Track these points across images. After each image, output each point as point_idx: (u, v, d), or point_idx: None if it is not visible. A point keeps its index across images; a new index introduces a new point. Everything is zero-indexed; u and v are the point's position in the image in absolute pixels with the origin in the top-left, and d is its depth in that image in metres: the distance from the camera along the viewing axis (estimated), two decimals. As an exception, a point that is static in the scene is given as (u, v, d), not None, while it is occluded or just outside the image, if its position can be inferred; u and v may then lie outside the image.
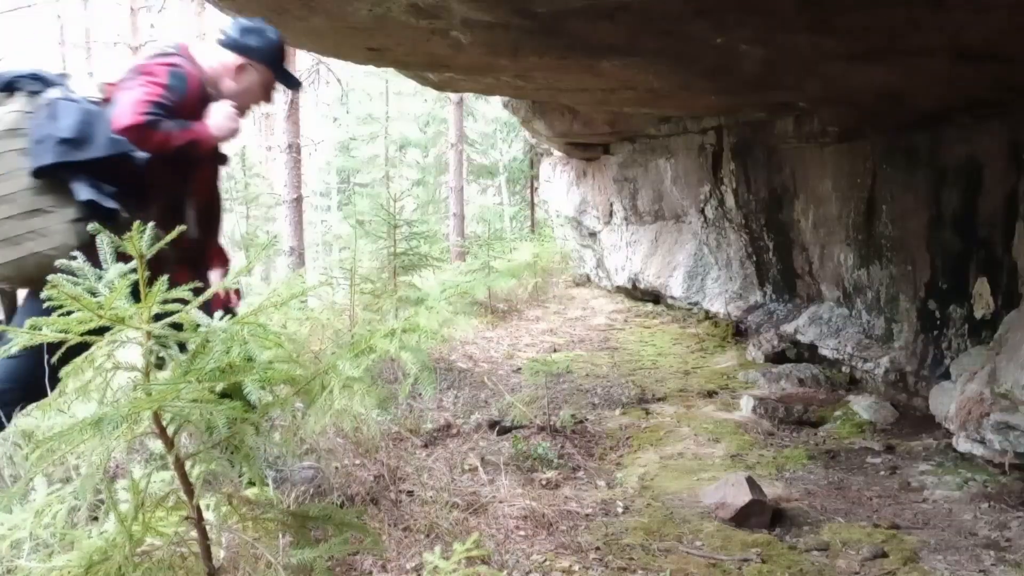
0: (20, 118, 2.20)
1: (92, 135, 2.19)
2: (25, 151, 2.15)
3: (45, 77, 2.33)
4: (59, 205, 2.14)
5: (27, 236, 2.12)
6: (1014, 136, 3.67)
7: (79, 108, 2.22)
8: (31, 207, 2.13)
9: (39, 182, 2.14)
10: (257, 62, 2.55)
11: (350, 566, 2.46)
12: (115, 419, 1.43)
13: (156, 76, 2.36)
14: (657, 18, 2.79)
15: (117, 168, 2.20)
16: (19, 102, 2.23)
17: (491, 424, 4.29)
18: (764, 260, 6.29)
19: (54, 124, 2.16)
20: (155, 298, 1.56)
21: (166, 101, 2.30)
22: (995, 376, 3.38)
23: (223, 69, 2.53)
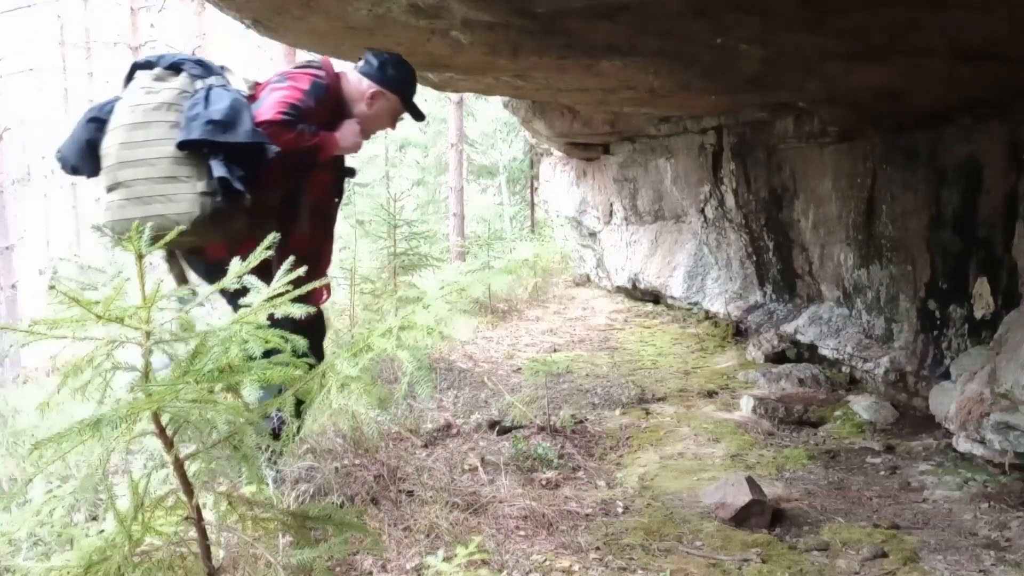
0: (178, 96, 2.43)
1: (237, 123, 2.39)
2: (176, 124, 2.38)
3: (208, 65, 2.56)
4: (193, 177, 2.34)
5: (157, 198, 2.33)
6: (1014, 136, 3.67)
7: (231, 97, 2.44)
8: (168, 174, 2.34)
9: (181, 154, 2.35)
10: (390, 92, 2.83)
11: (350, 566, 2.46)
12: (114, 420, 1.43)
13: (299, 82, 2.62)
14: (657, 18, 2.79)
15: (249, 157, 2.39)
16: (180, 82, 2.46)
17: (491, 424, 4.29)
18: (764, 260, 6.29)
19: (207, 106, 2.38)
20: (155, 298, 1.56)
21: (303, 105, 2.55)
22: (995, 376, 3.38)
23: (358, 93, 2.80)
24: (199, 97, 2.42)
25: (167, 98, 2.43)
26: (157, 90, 2.45)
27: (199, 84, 2.47)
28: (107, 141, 2.45)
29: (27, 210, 22.25)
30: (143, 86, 2.48)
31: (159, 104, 2.42)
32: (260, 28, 3.57)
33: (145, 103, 2.42)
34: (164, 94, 2.43)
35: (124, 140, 2.40)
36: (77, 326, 1.50)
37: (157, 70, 2.51)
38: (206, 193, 2.34)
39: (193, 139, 2.33)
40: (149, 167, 2.35)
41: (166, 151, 2.36)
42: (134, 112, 2.43)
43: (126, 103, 2.47)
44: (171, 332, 1.64)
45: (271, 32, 3.66)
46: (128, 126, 2.42)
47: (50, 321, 1.51)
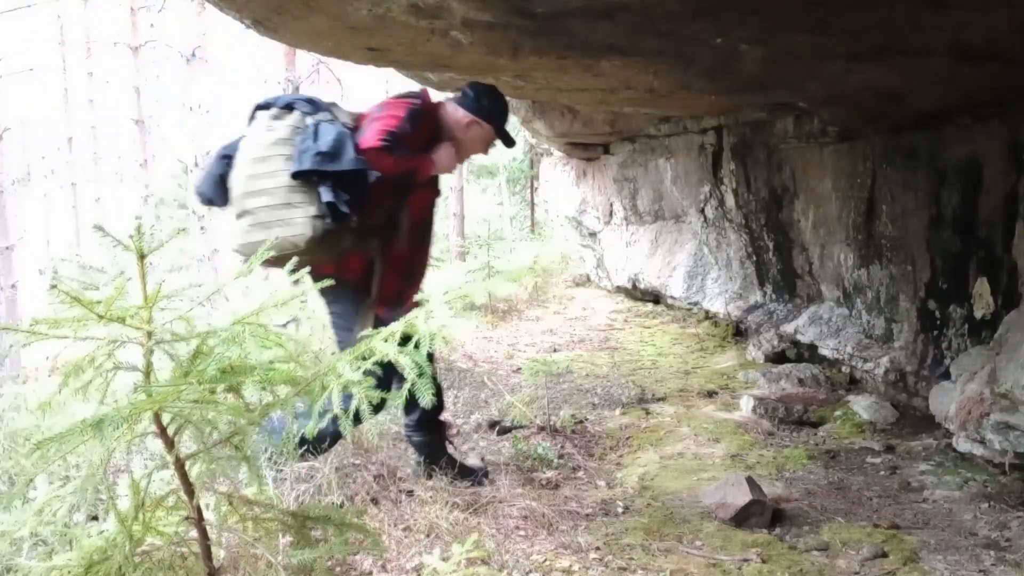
0: (292, 131, 2.76)
1: (342, 152, 2.68)
2: (289, 157, 2.70)
3: (317, 102, 2.89)
4: (306, 203, 2.65)
5: (276, 222, 2.65)
6: (1014, 136, 3.67)
7: (336, 130, 2.74)
8: (285, 201, 2.66)
9: (295, 183, 2.66)
10: (484, 121, 3.08)
11: (350, 566, 2.46)
12: (116, 420, 1.43)
13: (396, 111, 2.90)
14: (657, 18, 2.79)
15: (354, 182, 2.69)
16: (293, 119, 2.79)
17: (491, 424, 4.30)
18: (764, 260, 6.29)
19: (316, 140, 2.69)
20: (156, 298, 1.56)
21: (400, 131, 2.82)
22: (995, 376, 3.38)
23: (454, 121, 3.07)
24: (308, 132, 2.73)
25: (282, 134, 2.75)
26: (274, 128, 2.77)
27: (309, 120, 2.79)
28: (235, 174, 2.78)
29: (27, 210, 22.24)
30: (263, 125, 2.81)
31: (276, 140, 2.74)
32: (260, 28, 3.57)
33: (265, 140, 2.76)
34: (280, 131, 2.76)
35: (249, 173, 2.74)
36: (78, 326, 1.51)
37: (274, 110, 2.83)
38: (317, 216, 2.64)
39: (304, 169, 2.65)
40: (269, 196, 2.68)
41: (282, 181, 2.67)
42: (255, 148, 2.76)
43: (249, 140, 2.81)
44: (172, 332, 1.64)
45: (271, 32, 3.66)
46: (251, 160, 2.75)
47: (51, 321, 1.52)
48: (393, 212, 2.95)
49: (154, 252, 1.65)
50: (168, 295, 1.66)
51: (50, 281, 1.49)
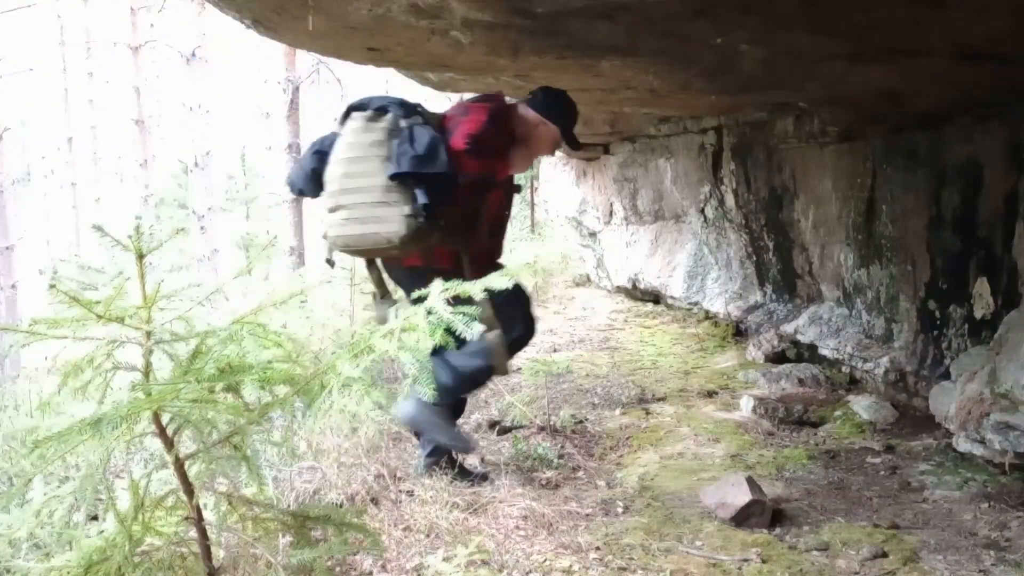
0: (387, 134, 2.92)
1: (436, 156, 2.86)
2: (387, 158, 2.87)
3: (409, 105, 3.04)
4: (401, 202, 2.83)
5: (372, 219, 2.85)
6: (1014, 136, 3.67)
7: (430, 134, 2.91)
8: (381, 199, 2.85)
9: (392, 183, 2.84)
10: (551, 122, 3.23)
11: (350, 566, 2.46)
12: (114, 419, 1.43)
13: (479, 114, 3.08)
14: (657, 18, 2.79)
15: (444, 182, 2.87)
16: (388, 121, 2.95)
17: (491, 424, 4.29)
18: (764, 260, 6.29)
19: (412, 143, 2.86)
20: (156, 298, 1.56)
21: (483, 134, 3.00)
22: (995, 376, 3.38)
23: (525, 122, 3.24)
24: (405, 135, 2.89)
25: (379, 136, 2.92)
26: (372, 129, 2.95)
27: (403, 123, 2.95)
28: (330, 171, 2.98)
29: (27, 210, 22.25)
30: (359, 126, 2.97)
31: (373, 141, 2.92)
32: (260, 28, 3.57)
33: (362, 140, 2.93)
34: (376, 133, 2.93)
35: (345, 171, 2.93)
36: (78, 326, 1.50)
37: (369, 112, 2.99)
38: (411, 215, 2.83)
39: (402, 171, 2.82)
40: (366, 194, 2.87)
41: (379, 181, 2.86)
42: (352, 148, 2.94)
43: (345, 140, 2.98)
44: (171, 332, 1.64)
45: (271, 32, 3.66)
46: (348, 159, 2.94)
47: (51, 321, 1.51)
48: (474, 209, 3.11)
49: (153, 252, 1.65)
50: (167, 295, 1.66)
51: (50, 281, 1.49)
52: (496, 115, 3.11)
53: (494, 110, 3.13)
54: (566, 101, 3.31)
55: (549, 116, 3.24)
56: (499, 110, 3.16)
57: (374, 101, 3.05)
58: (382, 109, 2.99)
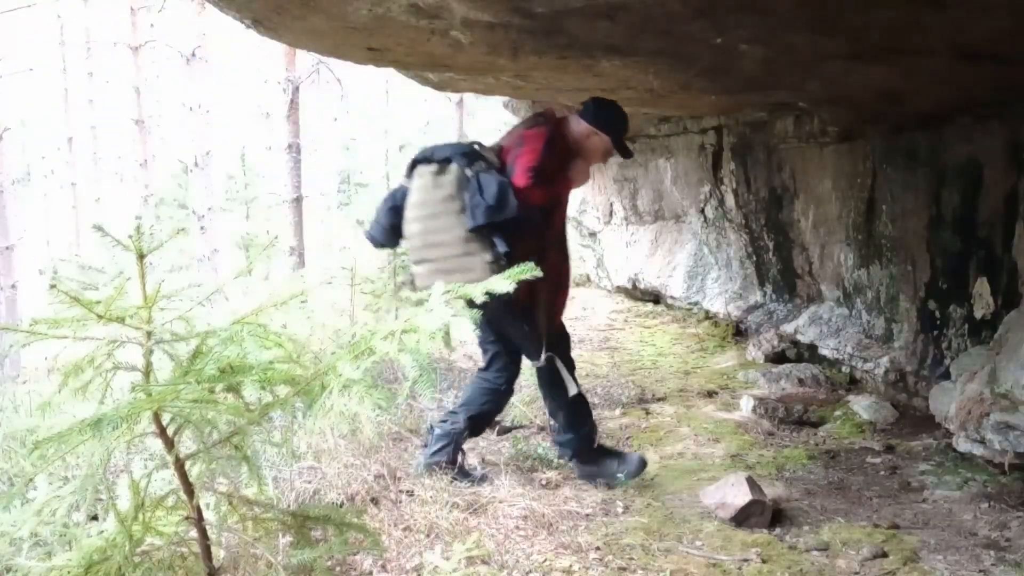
0: (457, 187, 3.08)
1: (506, 202, 3.02)
2: (461, 210, 3.05)
3: (468, 152, 3.19)
4: (481, 251, 3.03)
5: (457, 269, 3.01)
6: (1014, 136, 3.67)
7: (496, 180, 3.06)
8: (463, 251, 3.05)
9: (470, 235, 3.03)
10: (602, 132, 3.31)
11: (350, 566, 2.46)
12: (115, 420, 1.43)
13: (535, 143, 3.20)
14: (657, 18, 2.79)
15: (514, 224, 3.05)
16: (455, 173, 3.10)
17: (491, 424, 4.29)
18: (764, 260, 6.29)
19: (483, 193, 3.02)
20: (156, 298, 1.56)
21: (542, 163, 3.13)
22: (995, 376, 3.38)
23: (578, 133, 3.33)
24: (473, 186, 3.04)
25: (449, 191, 3.08)
26: (441, 184, 3.11)
27: (468, 173, 3.10)
28: (409, 228, 3.20)
29: (27, 210, 22.24)
30: (428, 183, 3.14)
31: (445, 197, 3.08)
32: (260, 28, 3.57)
33: (434, 197, 3.11)
34: (446, 188, 3.09)
35: (424, 228, 3.14)
36: (78, 326, 1.51)
37: (434, 166, 3.15)
38: (492, 261, 3.00)
39: (480, 224, 3.00)
40: (447, 247, 3.07)
41: (458, 234, 3.05)
42: (426, 205, 3.13)
43: (417, 196, 3.17)
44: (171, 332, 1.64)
45: (271, 32, 3.66)
46: (425, 216, 3.13)
47: (51, 321, 1.51)
48: (541, 233, 3.23)
49: (153, 252, 1.65)
50: (167, 295, 1.66)
51: (50, 281, 1.49)
52: (551, 140, 3.22)
53: (549, 135, 3.23)
54: (616, 110, 3.38)
55: (600, 126, 3.31)
56: (553, 133, 3.26)
57: (437, 152, 3.20)
58: (446, 161, 3.13)
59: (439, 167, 3.13)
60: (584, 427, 3.45)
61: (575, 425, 3.43)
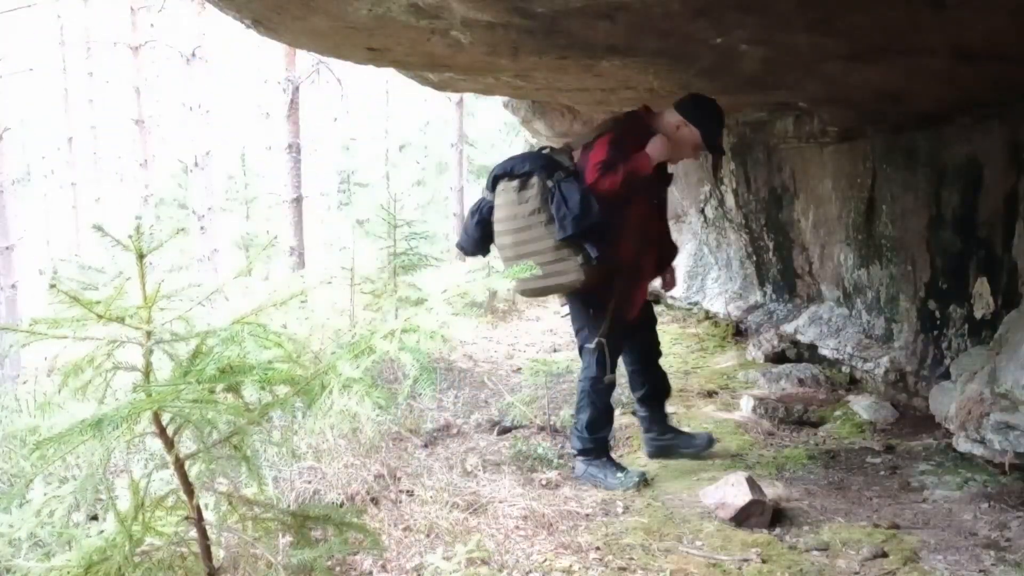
0: (541, 200, 3.28)
1: (589, 208, 3.21)
2: (548, 221, 3.26)
3: (545, 162, 3.36)
4: (572, 256, 3.26)
5: (552, 274, 3.26)
6: (1014, 136, 3.67)
7: (577, 188, 3.25)
8: (556, 257, 3.26)
9: (561, 242, 3.24)
10: (692, 125, 3.41)
11: (350, 566, 2.46)
12: (115, 420, 1.43)
13: (600, 147, 3.33)
14: (657, 18, 2.79)
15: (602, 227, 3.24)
16: (537, 186, 3.30)
17: (491, 424, 4.29)
18: (764, 260, 6.29)
19: (567, 204, 3.21)
20: (156, 298, 1.56)
21: (609, 158, 3.27)
22: (995, 376, 3.38)
23: (670, 124, 3.45)
24: (557, 198, 3.24)
25: (535, 205, 3.29)
26: (524, 199, 3.31)
27: (549, 183, 3.29)
28: (500, 240, 3.44)
29: (27, 210, 22.24)
30: (513, 198, 3.34)
31: (532, 211, 3.29)
32: (260, 28, 3.57)
33: (521, 212, 3.32)
34: (531, 202, 3.30)
35: (515, 240, 3.35)
36: (78, 326, 1.50)
37: (516, 181, 3.35)
38: (583, 264, 3.25)
39: (569, 235, 3.20)
40: (541, 255, 3.24)
41: (549, 244, 3.26)
42: (515, 219, 3.34)
43: (504, 211, 3.38)
44: (171, 332, 1.64)
45: (271, 32, 3.66)
46: (515, 230, 3.35)
47: (51, 321, 1.51)
48: (616, 224, 3.36)
49: (153, 252, 1.65)
50: (167, 295, 1.66)
51: (50, 281, 1.49)
52: (614, 140, 3.34)
53: (612, 138, 3.36)
54: (709, 106, 3.45)
55: (690, 118, 3.40)
56: (617, 136, 3.37)
57: (516, 166, 3.38)
58: (527, 175, 3.32)
59: (521, 182, 3.32)
60: (603, 430, 3.59)
61: (597, 426, 3.56)
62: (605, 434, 3.61)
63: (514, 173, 3.35)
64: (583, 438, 3.53)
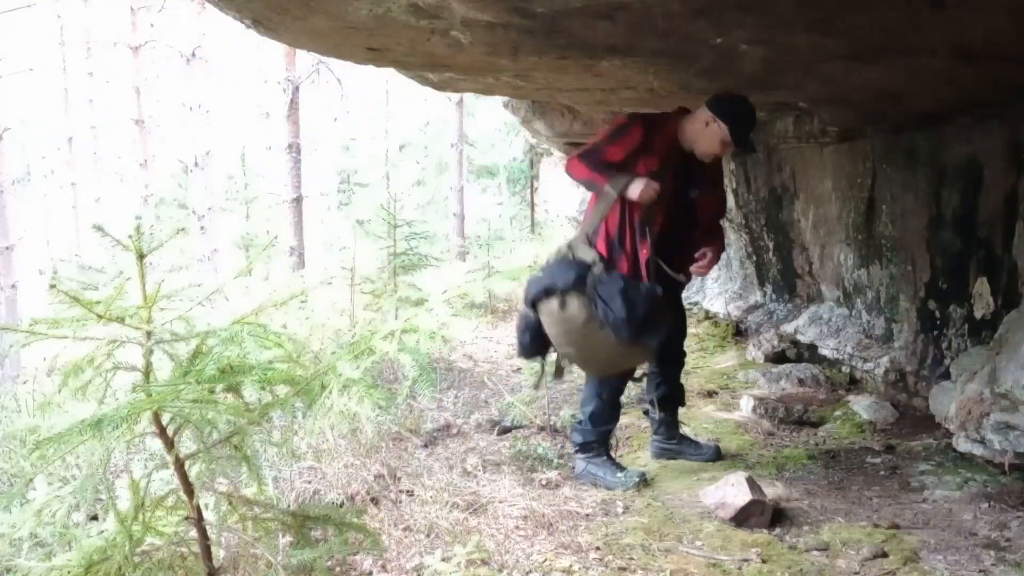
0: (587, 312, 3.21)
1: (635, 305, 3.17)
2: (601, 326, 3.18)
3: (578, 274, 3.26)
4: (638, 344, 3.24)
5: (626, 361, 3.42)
6: (1014, 136, 3.67)
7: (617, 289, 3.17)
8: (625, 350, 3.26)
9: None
10: (720, 119, 3.33)
11: (350, 566, 2.46)
12: (115, 420, 1.43)
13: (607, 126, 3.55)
14: (657, 18, 2.79)
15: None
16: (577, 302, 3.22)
17: (491, 424, 4.29)
18: (764, 260, 6.29)
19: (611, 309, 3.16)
20: (156, 298, 1.56)
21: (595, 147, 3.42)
22: (995, 376, 3.38)
23: (697, 120, 3.39)
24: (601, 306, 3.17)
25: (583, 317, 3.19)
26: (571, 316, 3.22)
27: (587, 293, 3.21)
28: (562, 349, 3.38)
29: (27, 210, 22.24)
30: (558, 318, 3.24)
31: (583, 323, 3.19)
32: (260, 28, 3.57)
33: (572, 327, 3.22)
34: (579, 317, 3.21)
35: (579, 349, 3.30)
36: (78, 326, 1.51)
37: (554, 301, 3.24)
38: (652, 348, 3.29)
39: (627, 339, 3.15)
40: (609, 353, 3.24)
41: (612, 343, 3.17)
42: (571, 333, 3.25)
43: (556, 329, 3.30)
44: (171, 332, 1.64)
45: (271, 32, 3.65)
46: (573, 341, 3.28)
47: (51, 321, 1.51)
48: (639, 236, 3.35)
49: (153, 252, 1.65)
50: (167, 295, 1.66)
51: (50, 281, 1.49)
52: (617, 128, 3.42)
53: (617, 126, 3.45)
54: (739, 103, 3.39)
55: (718, 113, 3.34)
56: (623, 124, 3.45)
57: (547, 284, 3.27)
58: (564, 292, 3.21)
59: (560, 301, 3.21)
60: (606, 424, 3.60)
61: (602, 421, 3.56)
62: (608, 429, 3.60)
63: (552, 292, 3.24)
64: (585, 430, 3.52)
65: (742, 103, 3.40)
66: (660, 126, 3.42)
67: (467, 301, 5.56)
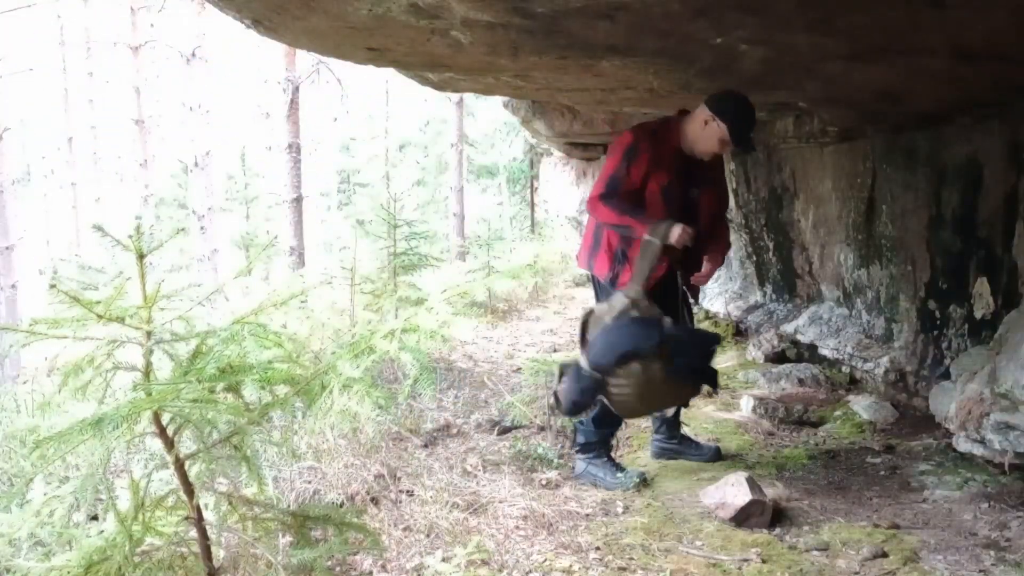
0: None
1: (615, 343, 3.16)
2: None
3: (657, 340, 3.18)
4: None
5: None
6: (1014, 136, 3.67)
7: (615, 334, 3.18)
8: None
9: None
10: (719, 119, 3.29)
11: (350, 566, 2.46)
12: (115, 419, 1.43)
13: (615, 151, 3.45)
14: (657, 18, 2.79)
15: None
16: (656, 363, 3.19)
17: (491, 424, 4.29)
18: (764, 260, 6.29)
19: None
20: (156, 298, 1.56)
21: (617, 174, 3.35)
22: (995, 376, 3.38)
23: (696, 119, 3.35)
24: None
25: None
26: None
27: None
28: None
29: (27, 210, 22.24)
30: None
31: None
32: (260, 28, 3.57)
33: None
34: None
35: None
36: (78, 326, 1.51)
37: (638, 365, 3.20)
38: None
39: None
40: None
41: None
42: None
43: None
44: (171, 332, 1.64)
45: (271, 32, 3.66)
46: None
47: (51, 321, 1.51)
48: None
49: (153, 252, 1.65)
50: (167, 295, 1.66)
51: (50, 281, 1.49)
52: (629, 149, 3.37)
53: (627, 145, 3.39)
54: (738, 102, 3.35)
55: (717, 112, 3.31)
56: (631, 143, 3.39)
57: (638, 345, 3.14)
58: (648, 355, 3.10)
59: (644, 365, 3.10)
60: (610, 426, 3.61)
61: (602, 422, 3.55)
62: (611, 431, 3.61)
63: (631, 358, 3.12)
64: (588, 431, 3.52)
65: (741, 102, 3.36)
66: (662, 135, 3.40)
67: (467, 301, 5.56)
